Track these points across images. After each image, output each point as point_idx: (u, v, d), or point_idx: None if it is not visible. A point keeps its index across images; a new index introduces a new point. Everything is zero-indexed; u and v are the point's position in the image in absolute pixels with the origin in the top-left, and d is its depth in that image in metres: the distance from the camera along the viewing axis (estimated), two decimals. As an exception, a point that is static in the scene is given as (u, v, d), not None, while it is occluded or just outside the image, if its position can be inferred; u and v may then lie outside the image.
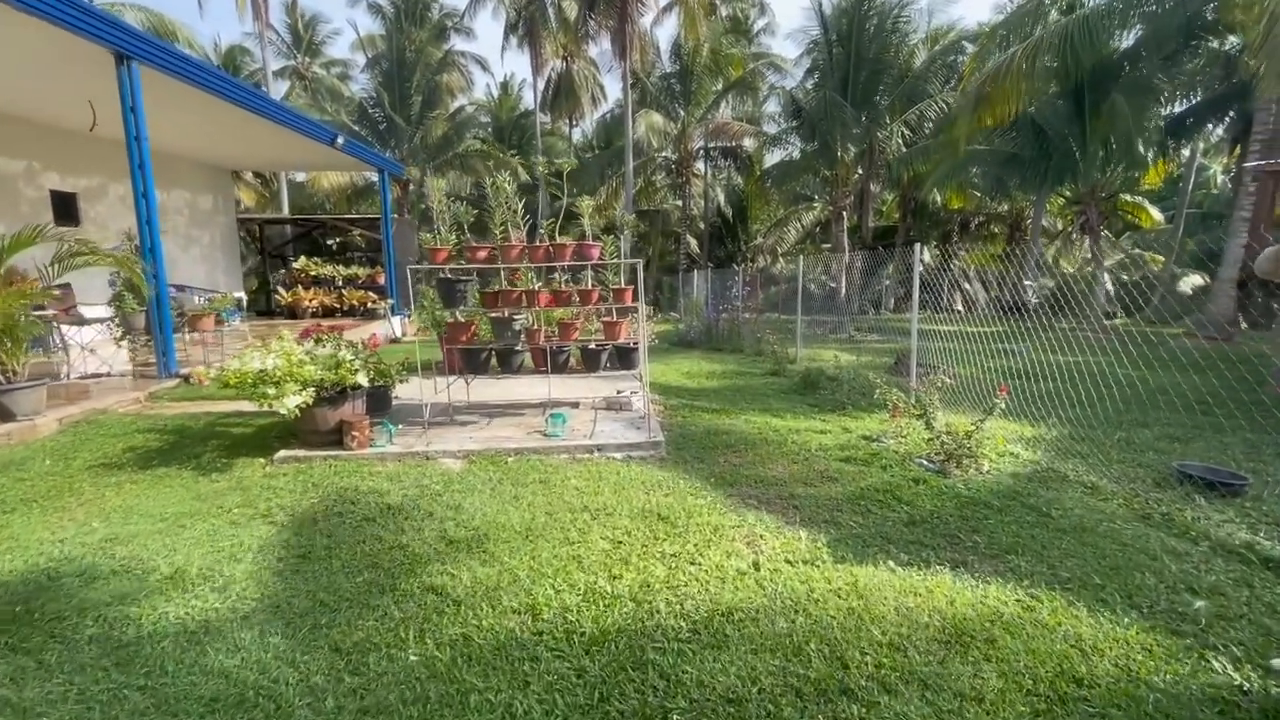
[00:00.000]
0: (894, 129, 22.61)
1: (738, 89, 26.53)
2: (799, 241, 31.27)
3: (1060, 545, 3.21)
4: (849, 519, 3.61)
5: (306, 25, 34.94)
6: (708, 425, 5.77)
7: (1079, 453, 4.73)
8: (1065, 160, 16.39)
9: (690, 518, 3.62)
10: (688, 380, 8.32)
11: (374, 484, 4.10)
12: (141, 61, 6.63)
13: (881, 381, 5.87)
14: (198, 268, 13.01)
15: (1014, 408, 5.79)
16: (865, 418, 6.04)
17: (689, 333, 12.75)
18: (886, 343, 12.72)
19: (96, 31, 6.04)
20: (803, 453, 4.88)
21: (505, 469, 4.43)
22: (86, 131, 9.75)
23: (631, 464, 4.57)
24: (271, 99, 10.72)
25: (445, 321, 5.36)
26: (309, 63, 35.51)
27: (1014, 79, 14.28)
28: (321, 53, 36.31)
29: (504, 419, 5.63)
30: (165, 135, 10.71)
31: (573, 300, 5.14)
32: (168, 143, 11.29)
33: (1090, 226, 16.15)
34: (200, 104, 8.43)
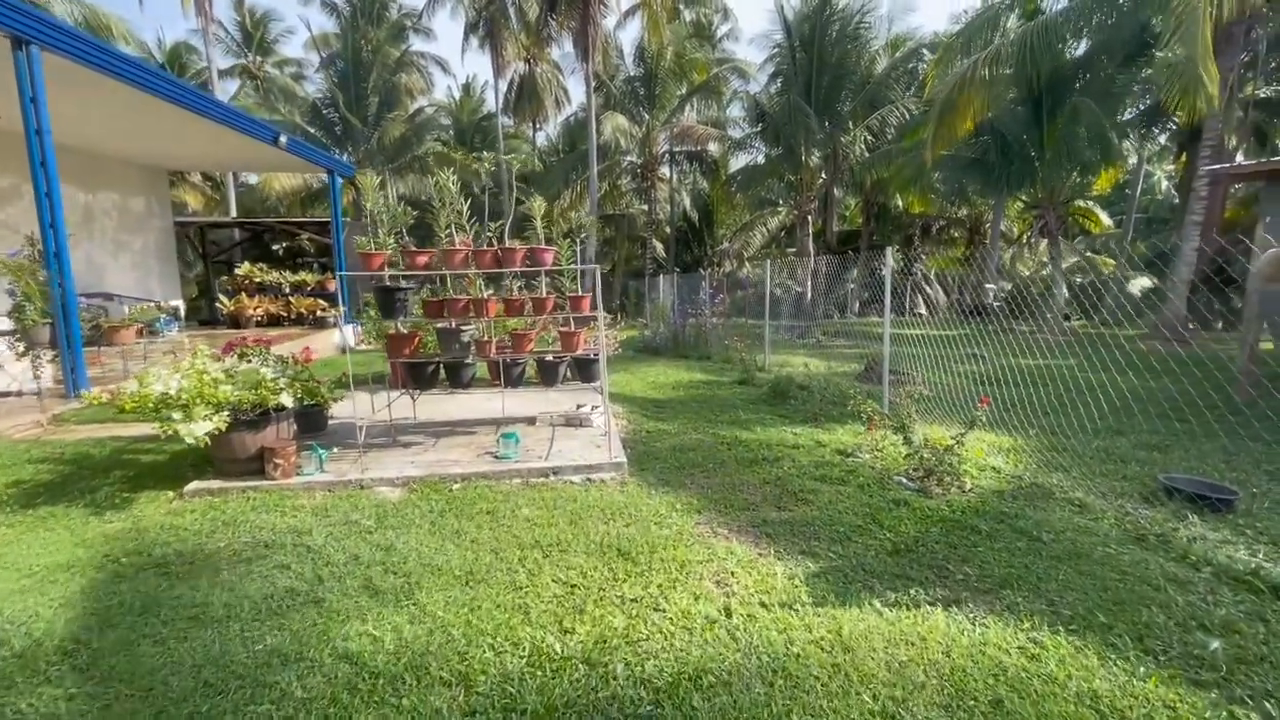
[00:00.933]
0: (856, 134, 22.76)
1: (702, 93, 26.45)
2: (765, 246, 31.33)
3: (1057, 576, 2.93)
4: (827, 548, 3.28)
5: (257, 23, 33.63)
6: (674, 441, 5.41)
7: (1061, 465, 4.52)
8: (1024, 165, 16.62)
9: (654, 552, 3.24)
10: (653, 391, 7.96)
11: (296, 520, 3.61)
12: (43, 46, 5.97)
13: (855, 392, 5.60)
14: (128, 275, 12.12)
15: (988, 416, 5.58)
16: (839, 429, 5.77)
17: (655, 339, 12.41)
18: (854, 347, 12.60)
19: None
20: (775, 471, 4.55)
21: (449, 498, 3.98)
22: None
23: (591, 488, 4.17)
24: (205, 94, 10.00)
25: (386, 333, 4.88)
26: (260, 62, 34.20)
27: (976, 87, 14.40)
28: (274, 51, 34.99)
29: (453, 439, 5.17)
30: (89, 132, 9.93)
31: (525, 309, 4.73)
32: (93, 141, 10.48)
33: (1049, 230, 16.39)
34: (126, 99, 7.74)
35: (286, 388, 4.29)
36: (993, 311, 15.30)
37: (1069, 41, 14.88)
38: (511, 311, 4.75)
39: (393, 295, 4.56)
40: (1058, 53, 14.49)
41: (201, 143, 10.87)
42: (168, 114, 8.52)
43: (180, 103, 8.19)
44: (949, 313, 23.13)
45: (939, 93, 15.81)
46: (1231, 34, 11.87)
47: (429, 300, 4.73)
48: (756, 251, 30.38)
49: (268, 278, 13.33)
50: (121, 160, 11.87)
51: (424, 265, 4.42)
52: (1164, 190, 34.55)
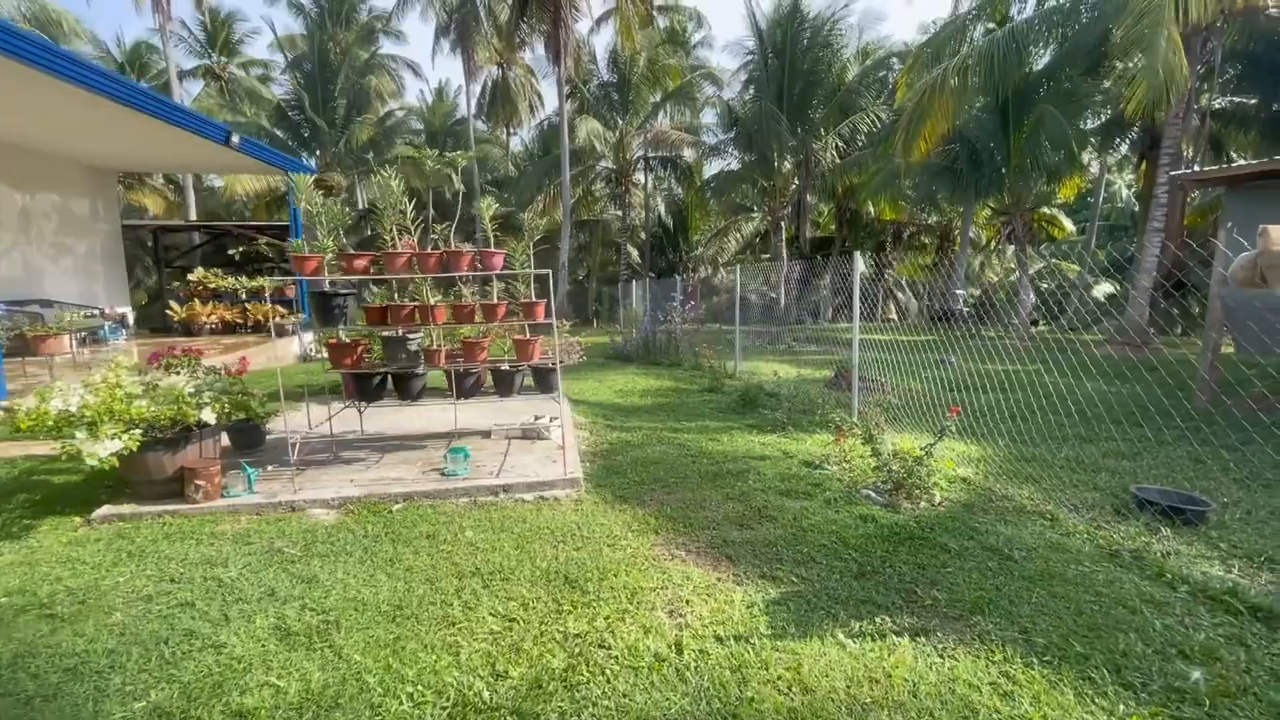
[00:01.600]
0: (828, 141, 22.90)
1: (676, 99, 26.41)
2: (739, 252, 31.39)
3: (1030, 599, 2.76)
4: (790, 571, 3.07)
5: (222, 22, 32.73)
6: (636, 454, 5.17)
7: (1031, 476, 4.39)
8: (992, 173, 16.82)
9: (604, 579, 3.00)
10: (620, 399, 7.72)
11: (212, 550, 3.28)
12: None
13: (824, 399, 5.43)
14: (71, 281, 11.52)
15: (958, 425, 5.46)
16: (807, 439, 5.59)
17: (625, 346, 12.19)
18: (825, 354, 12.53)
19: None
20: (739, 485, 4.34)
21: (388, 521, 3.69)
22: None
23: (543, 507, 3.91)
24: (148, 91, 9.51)
25: (327, 342, 4.57)
26: (225, 63, 33.29)
27: (944, 95, 14.51)
28: (239, 52, 34.10)
29: (401, 454, 4.86)
30: (25, 129, 9.39)
31: (476, 316, 4.46)
32: (30, 138, 9.93)
33: (1016, 236, 16.60)
34: (59, 94, 7.27)
35: (211, 402, 3.96)
36: (961, 317, 15.43)
37: (1033, 51, 15.10)
38: (461, 318, 4.47)
39: (329, 301, 4.25)
40: (1022, 62, 14.69)
41: (148, 142, 10.37)
42: (108, 111, 8.06)
43: (120, 99, 7.75)
44: (920, 318, 23.36)
45: (909, 100, 15.95)
46: (1189, 44, 12.11)
47: (370, 306, 4.44)
48: (731, 257, 30.42)
49: (223, 283, 12.79)
50: (63, 159, 11.28)
51: (363, 269, 4.13)
52: (1124, 198, 35.54)
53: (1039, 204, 21.93)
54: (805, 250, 25.42)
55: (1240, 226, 6.39)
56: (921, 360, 9.73)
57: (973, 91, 15.66)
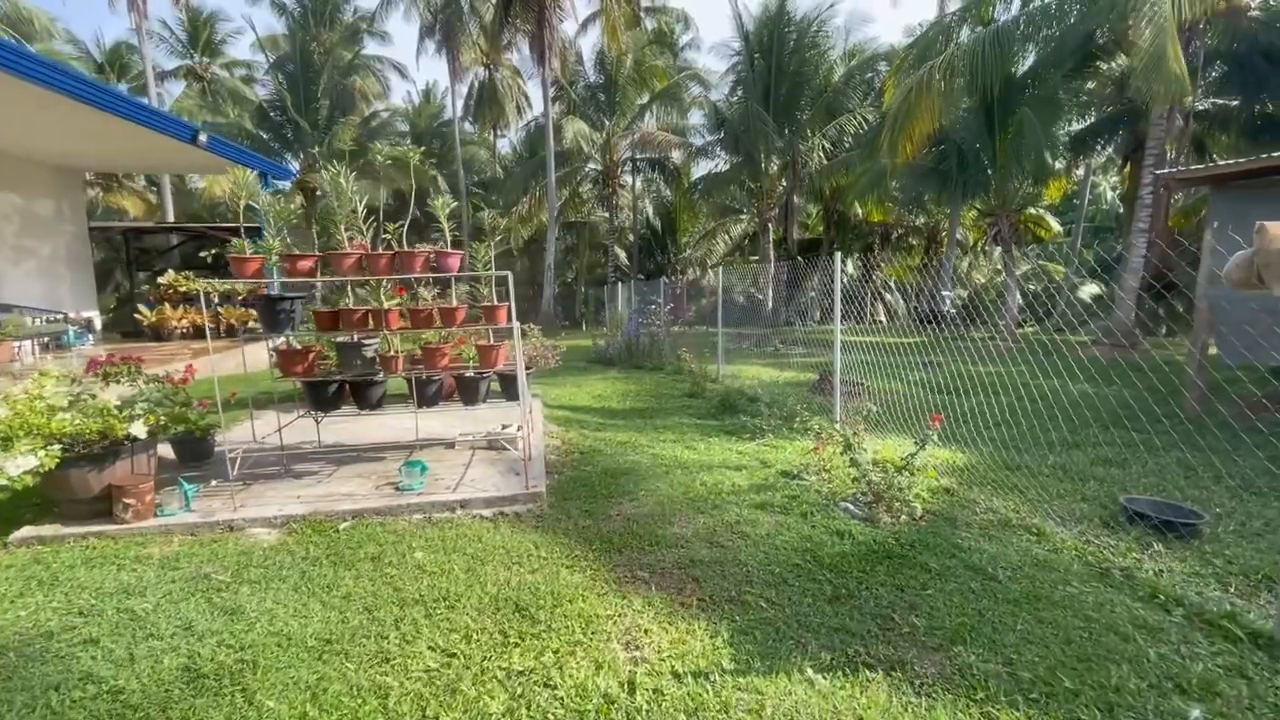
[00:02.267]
0: (815, 142, 22.81)
1: (663, 100, 26.20)
2: (728, 254, 31.25)
3: (1015, 625, 2.55)
4: (760, 595, 2.85)
5: (204, 22, 32.25)
6: (607, 463, 4.94)
7: (1017, 486, 4.20)
8: (978, 174, 16.76)
9: (557, 606, 2.76)
10: (597, 403, 7.49)
11: (133, 577, 3.02)
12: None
13: (803, 408, 5.23)
14: (34, 285, 11.13)
15: (941, 431, 5.27)
16: (786, 447, 5.38)
17: (608, 349, 11.95)
18: (811, 356, 12.35)
19: None
20: (712, 498, 4.12)
21: (332, 541, 3.43)
22: None
23: (500, 525, 3.67)
24: (107, 88, 9.20)
25: (277, 349, 4.31)
26: (207, 63, 32.84)
27: (930, 95, 14.41)
28: (222, 53, 33.64)
29: (357, 466, 4.60)
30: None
31: (434, 320, 4.22)
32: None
33: (1002, 237, 16.53)
34: (15, 91, 6.95)
35: (145, 414, 3.69)
36: (948, 318, 15.32)
37: (1018, 52, 15.05)
38: (418, 323, 4.23)
39: (275, 306, 4.00)
40: (1007, 62, 14.63)
41: (111, 141, 10.03)
42: (67, 109, 7.73)
43: (78, 96, 7.43)
44: (907, 320, 23.30)
45: (895, 100, 15.85)
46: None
47: (319, 311, 4.18)
48: (720, 259, 30.26)
49: (194, 286, 12.42)
50: (25, 159, 10.89)
51: (308, 271, 3.88)
52: (1109, 200, 35.78)
53: (1025, 205, 21.91)
54: (793, 252, 25.31)
55: (1226, 226, 6.26)
56: (907, 363, 9.58)
57: (958, 92, 15.57)
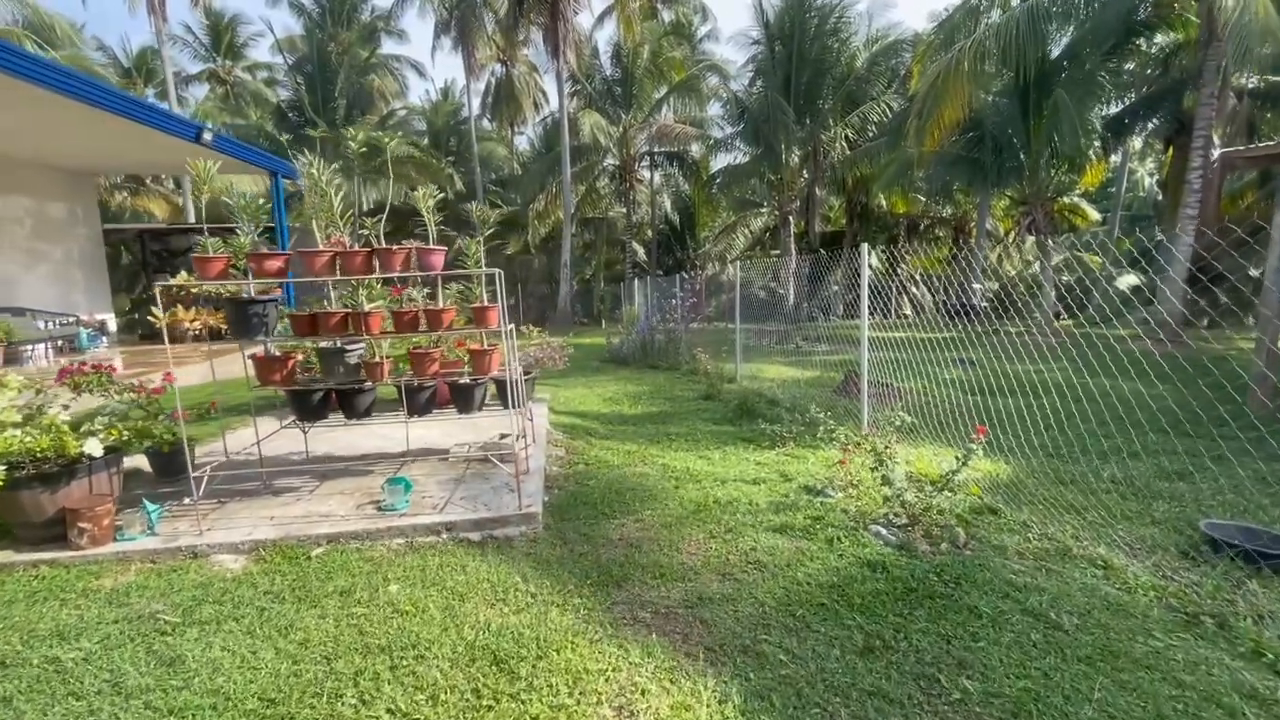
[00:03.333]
0: (837, 132, 22.11)
1: (681, 93, 25.66)
2: (748, 248, 30.65)
3: (1090, 693, 2.10)
4: (778, 645, 2.43)
5: (225, 26, 32.58)
6: (612, 476, 4.55)
7: (1073, 505, 3.71)
8: (1011, 161, 15.98)
9: (542, 657, 2.38)
10: (606, 407, 7.10)
11: (74, 616, 2.71)
12: None
13: (826, 415, 4.77)
14: (48, 288, 11.11)
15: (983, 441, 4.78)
16: (808, 457, 4.93)
17: (623, 348, 11.56)
18: (835, 353, 11.82)
19: None
20: (726, 519, 3.70)
21: (301, 571, 3.09)
22: None
23: (488, 551, 3.30)
24: (103, 86, 8.99)
25: (253, 355, 4.00)
26: (230, 66, 33.17)
27: (960, 79, 13.73)
28: (244, 56, 33.97)
29: (342, 480, 4.28)
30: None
31: (419, 323, 3.87)
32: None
33: (1037, 226, 15.75)
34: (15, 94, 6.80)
35: (104, 429, 3.39)
36: (979, 312, 14.62)
37: (1054, 31, 14.25)
38: (402, 327, 3.88)
39: (246, 310, 3.67)
40: (1042, 43, 13.86)
41: (117, 142, 9.90)
42: (62, 109, 7.57)
43: (80, 97, 7.27)
44: (935, 314, 22.51)
45: (921, 86, 15.17)
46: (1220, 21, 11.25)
47: (295, 315, 3.85)
48: (740, 254, 29.67)
49: (206, 288, 12.31)
50: (33, 163, 10.85)
51: (277, 271, 3.55)
52: (1147, 187, 34.31)
53: (1061, 193, 20.94)
54: (815, 245, 24.64)
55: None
56: (939, 360, 9.03)
57: (989, 75, 14.86)
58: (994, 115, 16.85)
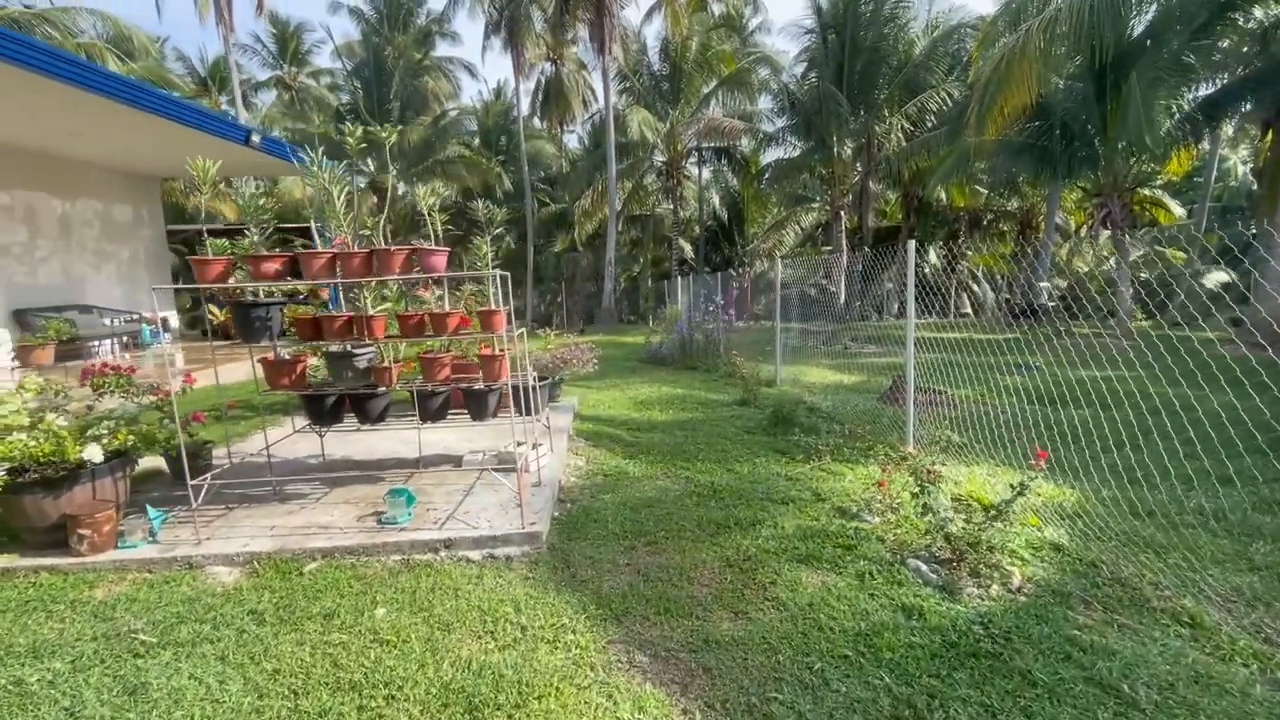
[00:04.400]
0: (893, 122, 21.15)
1: (730, 86, 25.09)
2: (798, 244, 29.81)
3: (1174, 799, 1.69)
4: (788, 708, 2.11)
5: (291, 34, 33.99)
6: (631, 490, 4.28)
7: (1152, 542, 3.21)
8: (1085, 149, 14.82)
9: (521, 704, 2.13)
10: (637, 412, 6.83)
11: (55, 631, 2.63)
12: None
13: (866, 429, 4.36)
14: (115, 287, 11.67)
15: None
16: (846, 473, 4.53)
17: (661, 348, 11.27)
18: (884, 356, 11.20)
19: None
20: (747, 543, 3.38)
21: (290, 588, 2.95)
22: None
23: (485, 574, 3.08)
24: (153, 90, 9.31)
25: (263, 359, 3.92)
26: (295, 73, 34.60)
27: (1028, 61, 12.78)
28: (309, 62, 35.37)
29: (350, 488, 4.16)
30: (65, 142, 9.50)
31: (425, 327, 3.69)
32: (73, 150, 10.03)
33: (1113, 221, 14.55)
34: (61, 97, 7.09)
35: (109, 434, 3.35)
36: (1047, 313, 13.60)
37: (1136, 6, 13.09)
38: (408, 331, 3.72)
39: (250, 312, 3.58)
40: (1122, 19, 12.75)
41: (172, 146, 10.26)
42: (115, 113, 7.85)
43: (136, 104, 7.54)
44: (996, 314, 21.23)
45: (983, 69, 14.25)
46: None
47: (299, 318, 3.75)
48: (789, 250, 28.89)
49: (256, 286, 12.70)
50: (103, 168, 11.40)
51: (275, 274, 3.43)
52: (1239, 176, 31.52)
53: (1140, 183, 19.35)
54: (868, 241, 23.69)
55: None
56: (999, 364, 8.37)
57: (1060, 57, 13.79)
58: (1065, 100, 15.68)
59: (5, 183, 9.63)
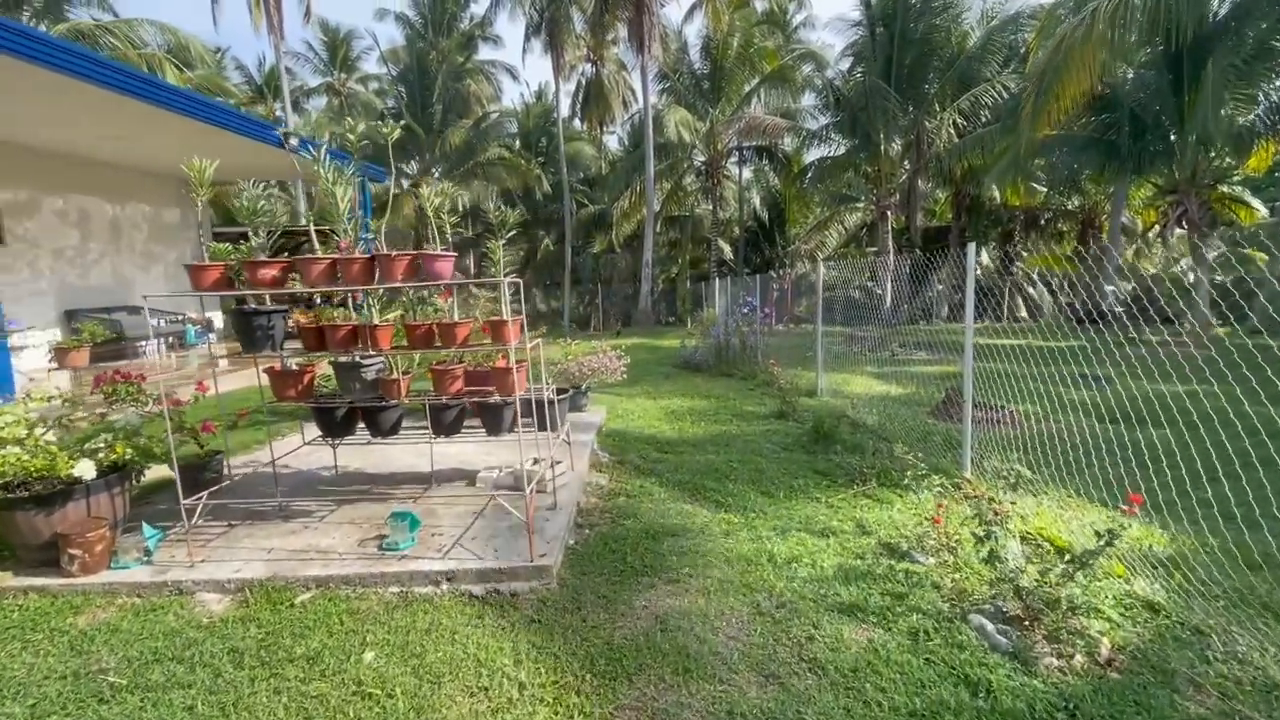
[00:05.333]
0: (944, 117, 20.18)
1: (772, 83, 24.47)
2: (842, 245, 28.91)
3: None
4: (829, 809, 1.73)
5: (341, 41, 34.97)
6: (654, 515, 3.93)
7: (1270, 603, 2.69)
8: (1158, 143, 13.77)
9: (509, 790, 1.82)
10: (667, 424, 6.48)
11: (26, 667, 2.45)
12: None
13: (917, 453, 3.92)
14: (162, 288, 11.97)
15: (1123, 484, 3.72)
16: (894, 501, 4.09)
17: (696, 354, 10.88)
18: (935, 363, 10.55)
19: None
20: (781, 586, 2.99)
21: (278, 622, 2.72)
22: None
23: (487, 614, 2.78)
24: (189, 93, 9.45)
25: (269, 369, 3.75)
26: (344, 79, 35.54)
27: (1094, 47, 11.89)
28: (358, 68, 36.33)
29: (359, 505, 3.94)
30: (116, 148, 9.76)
31: (433, 337, 3.44)
32: (114, 154, 10.29)
33: (1190, 220, 13.45)
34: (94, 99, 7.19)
35: (106, 448, 3.20)
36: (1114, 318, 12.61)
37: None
38: (416, 341, 3.48)
39: (251, 322, 3.40)
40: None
41: (210, 149, 10.41)
42: (149, 117, 7.95)
43: (154, 101, 7.59)
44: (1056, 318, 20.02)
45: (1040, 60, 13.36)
46: None
47: (304, 327, 3.55)
48: (833, 251, 28.03)
49: (296, 287, 12.87)
50: (150, 173, 11.70)
51: (272, 280, 3.23)
52: (1331, 170, 29.10)
53: (1219, 179, 17.94)
54: (916, 242, 22.74)
55: None
56: (1062, 375, 7.72)
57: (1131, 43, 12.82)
58: (1135, 91, 14.62)
59: (59, 187, 9.94)
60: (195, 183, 3.14)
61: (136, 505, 3.71)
